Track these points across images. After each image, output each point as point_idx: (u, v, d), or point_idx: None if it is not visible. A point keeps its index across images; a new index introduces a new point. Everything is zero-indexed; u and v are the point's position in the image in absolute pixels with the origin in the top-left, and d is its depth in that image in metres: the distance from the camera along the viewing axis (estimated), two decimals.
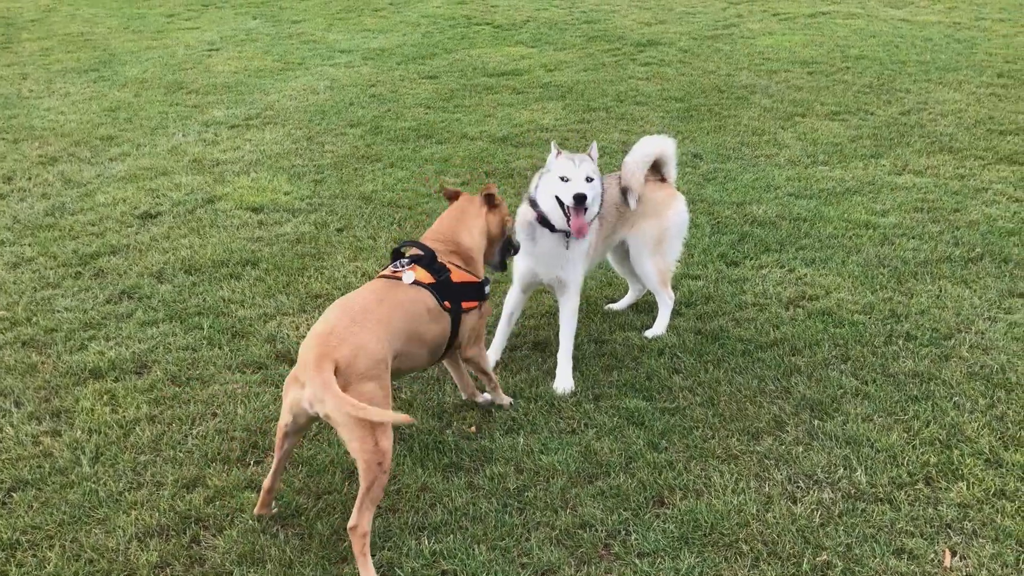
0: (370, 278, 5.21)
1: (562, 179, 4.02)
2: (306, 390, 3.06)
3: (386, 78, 9.95)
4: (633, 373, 4.24)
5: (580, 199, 3.94)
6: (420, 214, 6.20)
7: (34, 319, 4.87)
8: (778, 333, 4.54)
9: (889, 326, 4.57)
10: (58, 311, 4.96)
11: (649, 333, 4.57)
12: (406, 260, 3.65)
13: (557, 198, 4.02)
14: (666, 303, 4.61)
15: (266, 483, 3.34)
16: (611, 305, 4.90)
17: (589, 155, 4.15)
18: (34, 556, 3.23)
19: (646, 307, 4.86)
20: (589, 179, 4.02)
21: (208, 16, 13.68)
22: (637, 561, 3.12)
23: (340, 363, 3.06)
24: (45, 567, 3.16)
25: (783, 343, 4.45)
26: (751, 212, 6.07)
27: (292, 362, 4.39)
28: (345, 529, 3.22)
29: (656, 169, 4.66)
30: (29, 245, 5.84)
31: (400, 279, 3.53)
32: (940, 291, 4.91)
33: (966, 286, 4.96)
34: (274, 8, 14.03)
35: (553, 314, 4.81)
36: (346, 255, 5.59)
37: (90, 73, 10.39)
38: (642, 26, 12.20)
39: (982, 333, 4.48)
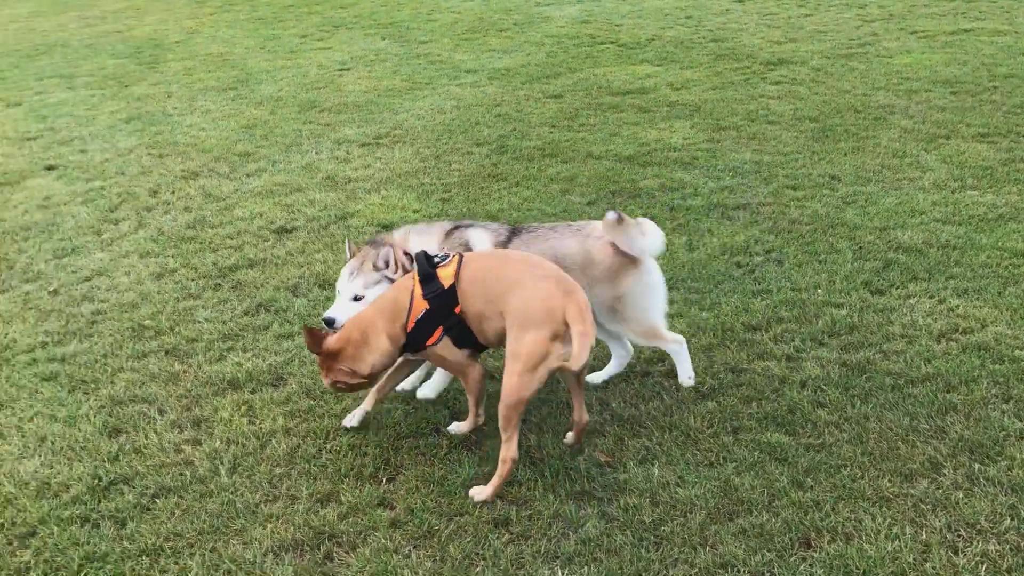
0: None
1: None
2: (578, 342, 3.32)
3: (511, 98, 9.99)
4: (774, 405, 4.05)
5: (328, 323, 3.92)
6: None
7: (176, 329, 5.05)
8: (930, 368, 4.26)
9: None
10: (199, 322, 5.12)
11: (683, 382, 4.24)
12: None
13: None
14: (673, 348, 4.24)
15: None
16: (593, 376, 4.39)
17: (384, 261, 3.99)
18: (176, 564, 3.30)
19: (787, 336, 4.65)
20: (357, 298, 3.95)
21: (339, 37, 14.08)
22: None
23: (583, 305, 3.43)
24: (186, 575, 3.23)
25: (936, 378, 4.17)
26: (895, 238, 5.77)
27: (424, 376, 4.40)
28: (477, 554, 3.18)
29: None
30: (172, 256, 6.07)
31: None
32: None
33: None
34: (402, 29, 14.33)
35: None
36: None
37: (229, 91, 10.82)
38: (772, 44, 11.88)
39: None
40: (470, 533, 3.38)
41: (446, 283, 3.59)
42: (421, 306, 3.61)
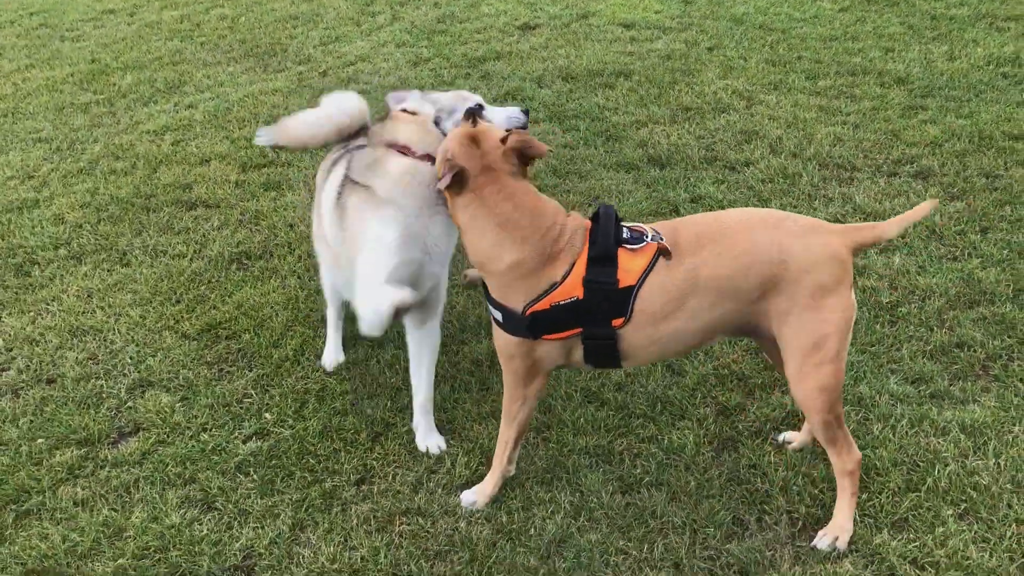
0: (741, 96, 5.22)
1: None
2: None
3: None
4: None
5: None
6: (794, 38, 6.00)
7: None
8: None
9: None
10: None
11: None
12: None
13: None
14: None
15: None
16: None
17: None
18: None
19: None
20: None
21: None
22: (1019, 385, 3.02)
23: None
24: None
25: None
26: None
27: (662, 165, 4.57)
28: None
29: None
30: (425, 47, 6.44)
31: None
32: None
33: None
34: None
35: (935, 144, 4.53)
36: (716, 73, 5.58)
37: None
38: None
39: None
40: None
41: (625, 280, 2.41)
42: (573, 290, 2.42)
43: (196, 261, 4.12)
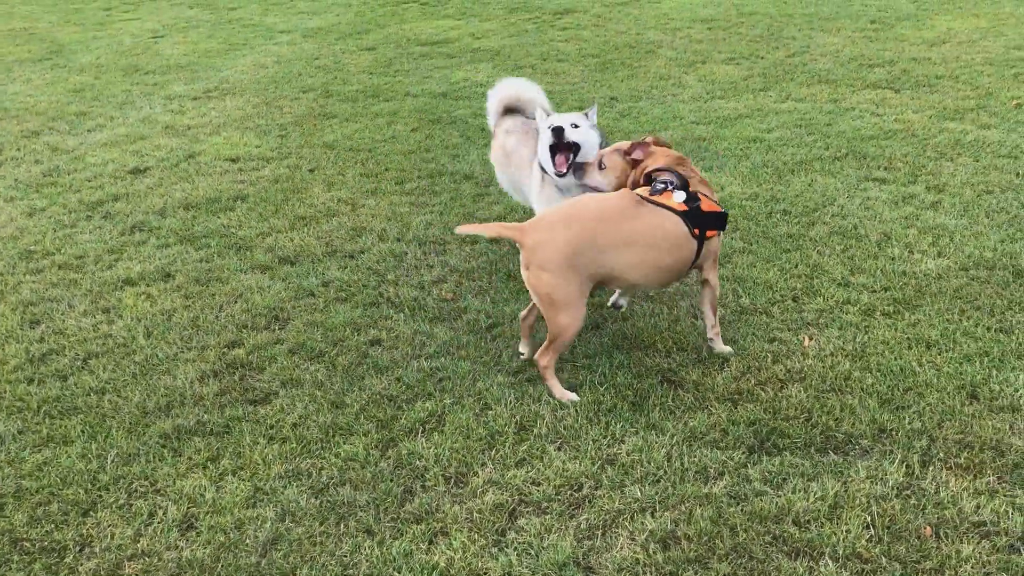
0: (346, 203, 6.21)
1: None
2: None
3: (327, 52, 10.85)
4: None
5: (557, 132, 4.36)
6: (380, 155, 7.18)
7: (63, 249, 5.72)
8: None
9: (770, 207, 5.74)
10: (81, 243, 5.81)
11: None
12: (663, 183, 3.91)
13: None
14: None
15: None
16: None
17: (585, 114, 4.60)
18: (119, 396, 4.14)
19: None
20: (574, 125, 4.45)
21: (145, 8, 14.33)
22: (584, 360, 4.19)
23: (526, 247, 3.78)
24: (131, 400, 4.09)
25: None
26: (660, 137, 7.20)
27: (291, 263, 5.36)
28: (360, 364, 4.23)
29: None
30: (37, 199, 6.64)
31: (661, 201, 3.84)
32: (811, 181, 6.10)
33: (832, 176, 6.16)
34: None
35: (500, 217, 5.84)
36: (322, 188, 6.54)
37: (44, 62, 11.05)
38: None
39: (842, 206, 5.67)
40: (351, 351, 4.41)
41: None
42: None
43: None
